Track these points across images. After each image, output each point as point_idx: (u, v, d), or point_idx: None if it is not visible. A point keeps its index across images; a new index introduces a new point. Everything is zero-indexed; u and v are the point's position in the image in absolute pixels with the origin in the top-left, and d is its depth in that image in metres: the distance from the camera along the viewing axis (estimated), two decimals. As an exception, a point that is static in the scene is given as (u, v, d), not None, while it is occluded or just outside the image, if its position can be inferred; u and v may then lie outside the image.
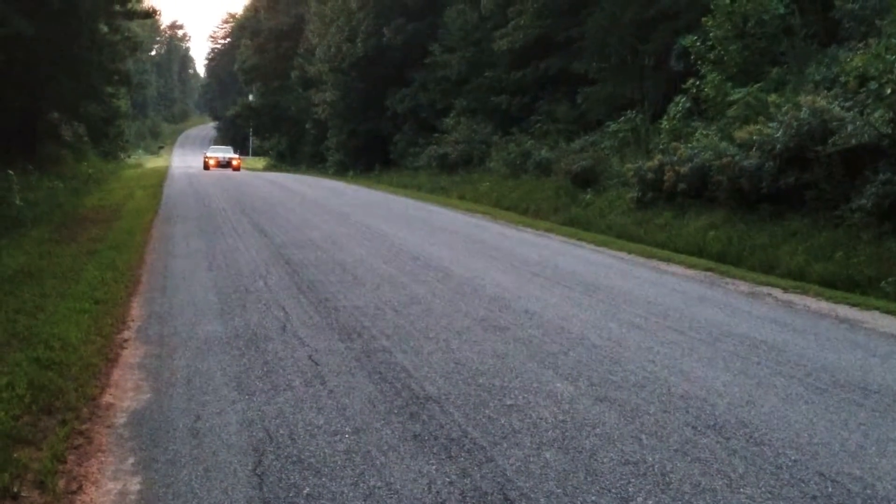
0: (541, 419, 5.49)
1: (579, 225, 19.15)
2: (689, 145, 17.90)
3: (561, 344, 7.51)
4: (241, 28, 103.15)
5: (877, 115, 13.29)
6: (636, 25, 27.58)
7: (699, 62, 20.67)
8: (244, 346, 7.20)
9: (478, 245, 14.74)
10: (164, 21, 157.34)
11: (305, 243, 13.86)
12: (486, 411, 5.62)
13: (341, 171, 48.22)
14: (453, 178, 32.45)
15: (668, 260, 13.69)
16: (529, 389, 6.12)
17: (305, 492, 4.35)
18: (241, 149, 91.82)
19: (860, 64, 14.66)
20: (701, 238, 15.18)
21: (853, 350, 7.76)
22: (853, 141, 13.25)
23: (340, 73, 49.71)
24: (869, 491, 4.50)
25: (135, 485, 4.52)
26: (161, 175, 39.14)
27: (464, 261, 12.56)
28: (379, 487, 4.41)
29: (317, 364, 6.69)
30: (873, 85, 13.96)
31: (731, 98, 18.61)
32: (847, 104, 14.45)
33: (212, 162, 52.59)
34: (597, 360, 6.97)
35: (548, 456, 4.88)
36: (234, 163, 52.88)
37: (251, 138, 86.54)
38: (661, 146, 19.74)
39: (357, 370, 6.54)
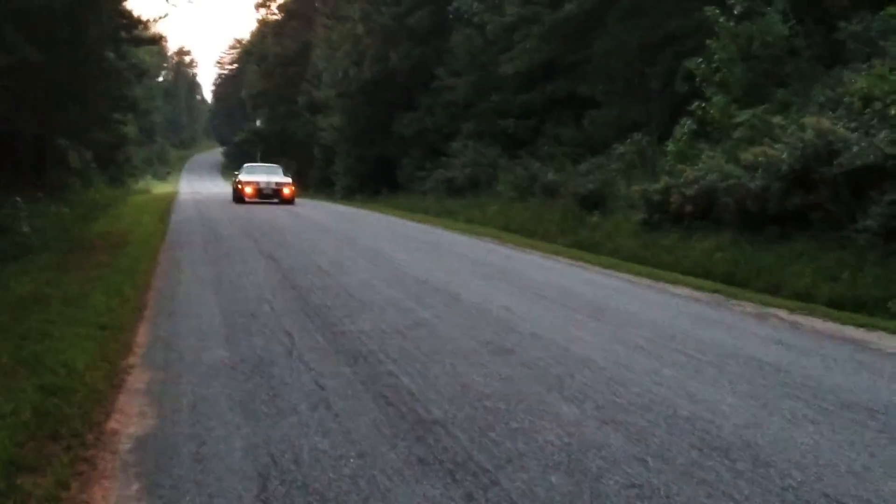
0: (546, 442, 5.48)
1: (586, 247, 19.15)
2: (696, 167, 17.90)
3: (567, 366, 7.50)
4: (248, 54, 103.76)
5: (882, 135, 13.31)
6: (642, 48, 27.70)
7: (704, 84, 20.72)
8: (249, 372, 7.20)
9: (485, 268, 14.74)
10: (172, 47, 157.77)
11: (312, 268, 13.88)
12: (492, 434, 5.61)
13: (349, 196, 48.31)
14: (460, 201, 32.47)
15: (674, 282, 13.68)
16: (535, 412, 6.10)
17: (309, 516, 4.34)
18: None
19: (865, 85, 14.69)
20: (707, 260, 15.17)
21: (859, 371, 7.74)
22: (858, 162, 13.27)
23: (347, 97, 49.90)
24: (875, 512, 4.48)
25: (139, 510, 4.52)
26: (169, 201, 39.25)
27: (470, 284, 12.56)
28: (383, 512, 4.40)
29: (322, 388, 6.68)
30: (878, 106, 14.00)
31: (737, 120, 18.63)
32: (852, 125, 14.48)
33: (249, 190, 35.52)
34: (603, 383, 6.96)
35: (553, 479, 4.86)
36: (286, 191, 35.74)
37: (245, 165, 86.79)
38: (667, 168, 19.77)
39: (362, 394, 6.54)
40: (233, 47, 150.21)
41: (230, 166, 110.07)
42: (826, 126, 14.28)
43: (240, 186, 36.25)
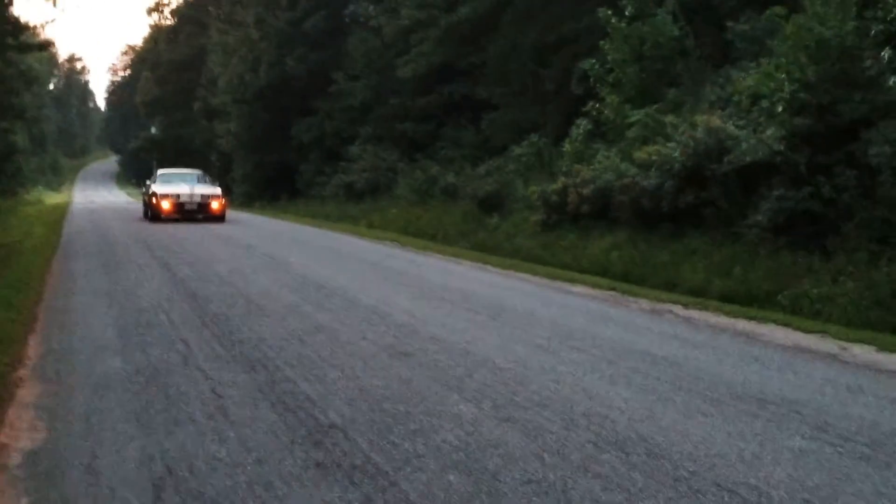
0: (445, 442, 5.49)
1: (486, 249, 19.25)
2: (591, 167, 18.17)
3: (466, 367, 7.53)
4: (141, 60, 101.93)
5: (769, 132, 13.66)
6: (537, 50, 27.97)
7: (598, 85, 21.00)
8: (145, 382, 7.06)
9: (385, 272, 14.74)
10: (62, 54, 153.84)
11: (210, 276, 13.70)
12: (391, 437, 5.60)
13: (248, 202, 47.73)
14: (361, 206, 32.42)
15: (572, 281, 13.85)
16: (434, 413, 6.12)
17: (205, 526, 4.28)
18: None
19: (752, 83, 15.07)
20: (605, 258, 15.39)
21: (750, 363, 7.94)
22: (748, 158, 13.60)
23: (244, 103, 49.33)
24: (764, 499, 4.58)
25: (28, 527, 4.40)
26: (62, 211, 38.35)
27: (370, 288, 12.53)
28: (280, 518, 4.36)
29: (219, 396, 6.59)
30: (765, 103, 14.35)
31: (630, 120, 18.94)
32: (741, 123, 14.83)
33: (166, 204, 28.14)
34: (501, 382, 7.00)
35: (451, 478, 4.87)
36: (214, 205, 28.62)
37: (155, 172, 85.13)
38: (564, 169, 19.99)
39: (260, 401, 6.47)
40: (125, 54, 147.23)
41: (126, 175, 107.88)
42: (716, 124, 14.62)
43: (154, 200, 28.33)
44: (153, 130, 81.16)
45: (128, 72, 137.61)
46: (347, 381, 7.04)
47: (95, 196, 69.17)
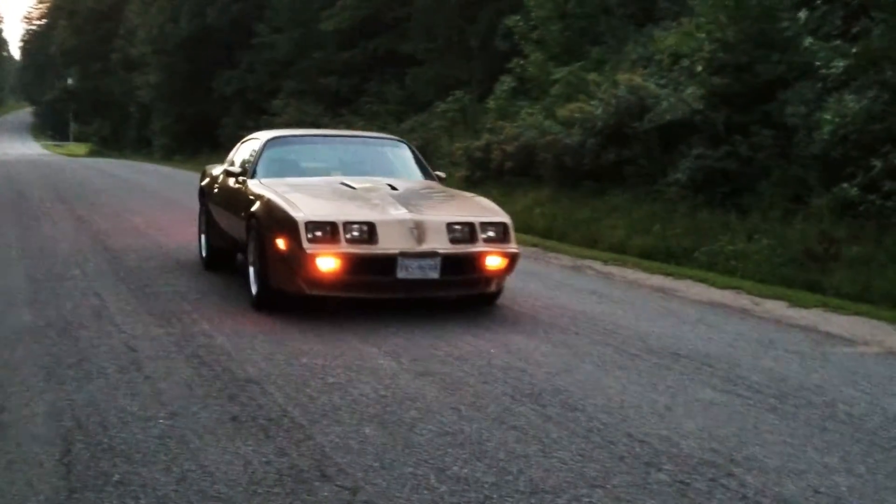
0: (362, 396, 5.48)
1: (409, 205, 19.19)
2: (515, 124, 18.19)
3: (386, 322, 7.51)
4: (58, 8, 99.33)
5: (689, 91, 13.80)
6: (462, 6, 27.87)
7: (523, 42, 21.01)
8: (56, 335, 6.90)
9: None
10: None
11: (127, 230, 13.48)
12: (308, 390, 5.58)
13: (168, 156, 46.95)
14: (283, 160, 32.03)
15: (494, 237, 13.88)
16: (352, 367, 6.10)
17: (115, 479, 4.19)
18: (62, 135, 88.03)
19: (673, 42, 15.21)
20: (527, 215, 15.43)
21: (666, 317, 8.07)
22: (668, 117, 13.73)
23: (164, 54, 48.43)
24: (674, 449, 4.66)
25: (-69, 482, 4.29)
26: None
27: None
28: (192, 471, 4.30)
29: (133, 350, 6.49)
30: (685, 62, 14.49)
31: (554, 77, 18.99)
32: (662, 82, 14.96)
33: (331, 264, 7.18)
34: (420, 336, 7.01)
35: (367, 431, 4.87)
36: (493, 262, 7.60)
37: (71, 123, 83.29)
38: (488, 125, 19.99)
39: (176, 355, 6.39)
40: (41, 1, 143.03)
41: (42, 127, 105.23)
42: (638, 82, 14.72)
43: (283, 242, 7.36)
44: (70, 81, 79.38)
45: (44, 20, 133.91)
46: (265, 335, 6.99)
47: (10, 149, 67.49)
